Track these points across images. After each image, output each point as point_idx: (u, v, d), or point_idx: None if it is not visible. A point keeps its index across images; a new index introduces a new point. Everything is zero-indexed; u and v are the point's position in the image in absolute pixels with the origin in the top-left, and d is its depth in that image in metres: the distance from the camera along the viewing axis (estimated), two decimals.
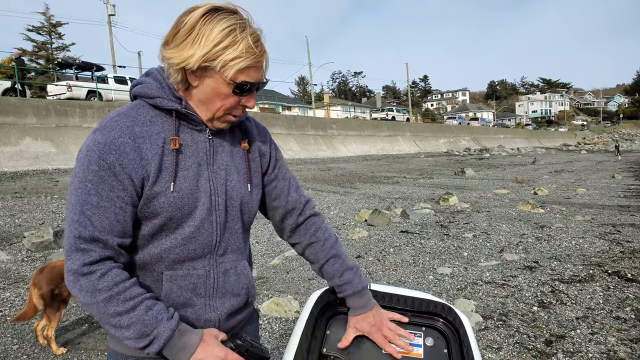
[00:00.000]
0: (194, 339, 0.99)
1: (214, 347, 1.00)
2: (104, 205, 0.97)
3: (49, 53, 37.31)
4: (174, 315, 1.00)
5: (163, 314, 0.98)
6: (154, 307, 0.97)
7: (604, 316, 4.00)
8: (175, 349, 0.97)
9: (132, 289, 0.98)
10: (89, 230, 0.95)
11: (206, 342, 1.00)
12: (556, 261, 5.76)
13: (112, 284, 0.96)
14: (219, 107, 1.05)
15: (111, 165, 0.97)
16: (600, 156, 34.82)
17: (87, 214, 0.96)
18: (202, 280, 1.08)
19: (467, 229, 7.78)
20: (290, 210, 1.26)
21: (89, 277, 0.95)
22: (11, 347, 3.51)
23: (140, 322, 0.95)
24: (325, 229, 1.28)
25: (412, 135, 37.39)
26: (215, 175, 1.10)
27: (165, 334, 0.96)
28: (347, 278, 1.21)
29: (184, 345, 0.98)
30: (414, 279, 5.20)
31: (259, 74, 1.04)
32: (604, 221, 8.31)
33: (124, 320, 0.95)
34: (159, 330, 0.96)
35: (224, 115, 1.07)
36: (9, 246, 6.35)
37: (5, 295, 4.59)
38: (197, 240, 1.06)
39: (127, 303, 0.95)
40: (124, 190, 0.99)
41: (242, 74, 1.00)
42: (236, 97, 1.04)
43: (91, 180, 0.97)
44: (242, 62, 0.99)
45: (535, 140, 57.01)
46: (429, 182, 15.64)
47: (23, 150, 13.93)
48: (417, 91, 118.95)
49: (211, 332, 1.04)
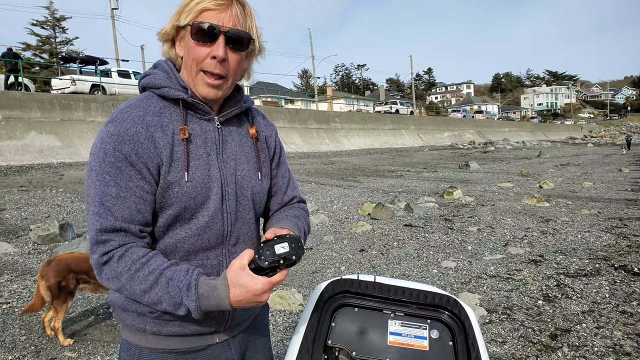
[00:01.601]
0: (221, 293, 0.94)
1: (246, 283, 0.94)
2: (123, 196, 0.97)
3: (52, 47, 37.37)
4: (190, 282, 0.95)
5: (182, 282, 0.95)
6: (174, 277, 0.95)
7: (610, 310, 3.99)
8: (213, 305, 0.95)
9: (150, 262, 0.96)
10: (110, 221, 0.96)
11: (234, 284, 0.94)
12: (562, 255, 5.73)
13: (130, 263, 0.95)
14: (191, 63, 1.04)
15: (127, 156, 0.97)
16: (607, 149, 34.57)
17: (107, 206, 0.96)
18: (216, 270, 1.09)
19: (472, 223, 7.76)
20: (285, 205, 1.29)
21: (109, 264, 0.96)
22: (19, 338, 3.54)
23: (167, 296, 0.95)
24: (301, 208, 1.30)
25: (416, 128, 37.25)
26: (225, 164, 1.10)
27: (192, 304, 0.94)
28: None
29: (218, 302, 0.95)
30: (418, 273, 5.20)
31: (222, 18, 1.01)
32: (611, 215, 8.26)
33: (153, 295, 0.95)
34: (185, 301, 0.94)
35: (199, 73, 1.04)
36: (15, 239, 6.40)
37: (12, 287, 4.63)
38: (211, 230, 1.07)
39: (148, 279, 0.95)
40: (142, 179, 0.99)
41: (200, 17, 1.01)
42: (200, 45, 1.01)
43: (109, 172, 0.97)
44: (200, 5, 1.00)
45: (541, 134, 56.66)
46: (433, 176, 15.60)
47: (28, 144, 13.99)
48: (421, 84, 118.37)
49: (233, 268, 0.96)
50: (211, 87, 1.05)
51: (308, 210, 1.34)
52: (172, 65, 1.10)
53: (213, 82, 1.04)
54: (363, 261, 5.66)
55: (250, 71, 1.16)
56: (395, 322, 1.19)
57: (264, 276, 0.94)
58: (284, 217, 1.21)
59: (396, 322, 1.19)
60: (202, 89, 1.05)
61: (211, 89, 1.05)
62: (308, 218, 1.30)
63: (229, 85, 1.09)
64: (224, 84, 1.06)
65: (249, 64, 1.14)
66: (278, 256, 0.93)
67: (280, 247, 0.95)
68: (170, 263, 0.98)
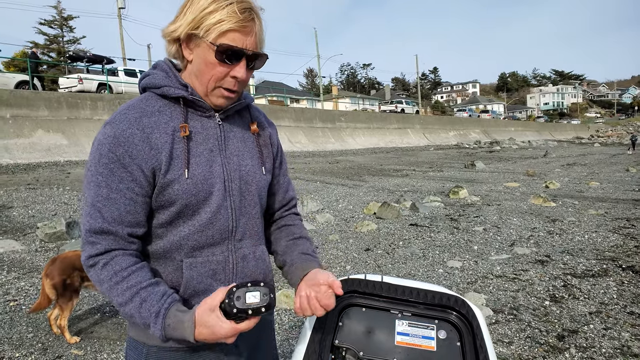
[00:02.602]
0: (187, 328, 0.92)
1: (212, 325, 0.91)
2: (113, 197, 0.99)
3: (60, 46, 37.61)
4: (160, 310, 0.94)
5: (154, 307, 0.94)
6: (147, 300, 0.95)
7: (618, 311, 3.95)
8: (178, 337, 0.94)
9: (130, 277, 0.97)
10: (99, 222, 0.98)
11: (200, 323, 0.92)
12: (568, 255, 5.69)
13: (112, 273, 0.97)
14: (209, 79, 1.04)
15: (120, 157, 0.99)
16: (614, 149, 34.30)
17: (97, 207, 0.99)
18: (222, 266, 1.10)
19: (478, 222, 7.72)
20: (284, 205, 1.32)
21: (94, 269, 0.99)
22: (26, 335, 3.57)
23: (139, 315, 0.95)
24: (301, 226, 1.33)
25: (421, 127, 37.13)
26: (229, 160, 1.11)
27: (158, 332, 0.94)
28: (312, 254, 1.23)
29: (183, 335, 0.93)
30: (424, 272, 5.18)
31: (246, 40, 1.01)
32: (618, 215, 8.20)
33: (128, 310, 0.96)
34: (152, 328, 0.95)
35: (216, 88, 1.06)
36: (23, 237, 6.45)
37: (20, 285, 4.66)
38: (215, 226, 1.08)
39: (125, 294, 0.96)
40: (133, 182, 1.00)
41: (225, 37, 1.00)
42: (223, 65, 1.02)
43: (101, 173, 0.99)
44: (225, 25, 0.99)
45: (547, 133, 56.31)
46: (439, 175, 15.55)
47: (35, 142, 14.09)
48: (427, 83, 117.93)
49: (204, 307, 0.92)
50: (226, 98, 1.08)
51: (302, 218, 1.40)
52: (171, 64, 1.11)
53: (229, 95, 1.07)
54: (369, 260, 5.65)
55: None
56: (403, 322, 1.18)
57: (232, 320, 0.91)
58: (306, 251, 1.22)
59: (403, 322, 1.18)
60: (217, 101, 1.08)
61: (225, 100, 1.08)
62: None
63: (239, 95, 1.12)
64: (236, 95, 1.10)
65: None
66: (247, 305, 0.91)
67: (252, 295, 0.92)
68: (149, 282, 0.98)
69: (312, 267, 1.15)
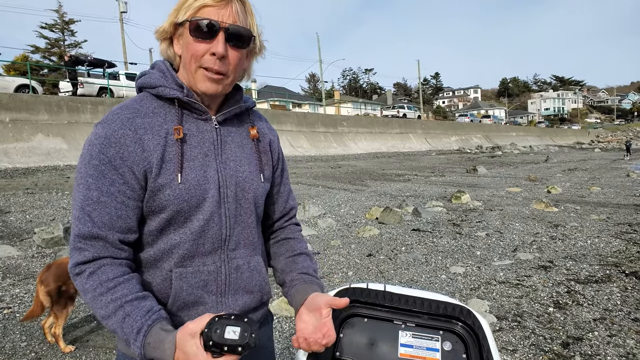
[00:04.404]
0: (167, 350, 0.86)
1: (189, 352, 0.85)
2: (104, 201, 0.94)
3: (61, 50, 37.74)
4: (142, 327, 0.88)
5: (136, 323, 0.88)
6: (131, 315, 0.90)
7: (622, 318, 3.89)
8: (157, 357, 0.88)
9: (115, 289, 0.92)
10: (88, 227, 0.93)
11: (180, 347, 0.86)
12: (571, 261, 5.63)
13: (97, 284, 0.92)
14: (189, 60, 1.00)
15: (111, 159, 0.95)
16: (615, 154, 34.29)
17: (86, 210, 0.94)
18: (213, 276, 1.04)
19: (480, 228, 7.66)
20: (285, 215, 1.27)
21: (80, 277, 0.94)
22: (19, 344, 3.50)
23: (121, 331, 0.90)
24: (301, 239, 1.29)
25: (423, 132, 37.19)
26: (224, 166, 1.06)
27: (137, 350, 0.88)
28: (315, 276, 1.19)
29: (162, 356, 0.87)
30: (427, 278, 5.12)
31: (221, 13, 0.98)
32: (620, 220, 8.14)
33: (110, 324, 0.91)
34: (132, 344, 0.89)
35: (198, 69, 1.00)
36: (19, 242, 6.39)
37: (14, 292, 4.60)
38: (207, 235, 1.02)
39: (108, 306, 0.91)
40: (125, 184, 0.96)
41: (199, 13, 0.98)
42: (198, 41, 0.98)
43: (92, 175, 0.94)
44: (198, 1, 0.97)
45: (548, 138, 56.40)
46: (441, 180, 15.50)
47: (35, 146, 14.08)
48: (429, 88, 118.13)
49: (185, 331, 0.86)
50: (211, 81, 1.00)
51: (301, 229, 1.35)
52: (169, 65, 1.07)
53: (213, 76, 1.00)
54: (371, 266, 5.59)
55: (250, 71, 1.12)
56: (406, 334, 1.14)
57: (209, 352, 0.84)
58: (306, 271, 1.17)
59: (407, 333, 1.14)
60: (201, 85, 1.01)
61: (211, 83, 1.01)
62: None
63: (229, 83, 1.05)
64: (224, 79, 1.02)
65: (250, 63, 1.10)
66: (224, 341, 0.83)
67: (232, 330, 0.84)
68: (136, 295, 0.92)
69: (312, 291, 1.10)
